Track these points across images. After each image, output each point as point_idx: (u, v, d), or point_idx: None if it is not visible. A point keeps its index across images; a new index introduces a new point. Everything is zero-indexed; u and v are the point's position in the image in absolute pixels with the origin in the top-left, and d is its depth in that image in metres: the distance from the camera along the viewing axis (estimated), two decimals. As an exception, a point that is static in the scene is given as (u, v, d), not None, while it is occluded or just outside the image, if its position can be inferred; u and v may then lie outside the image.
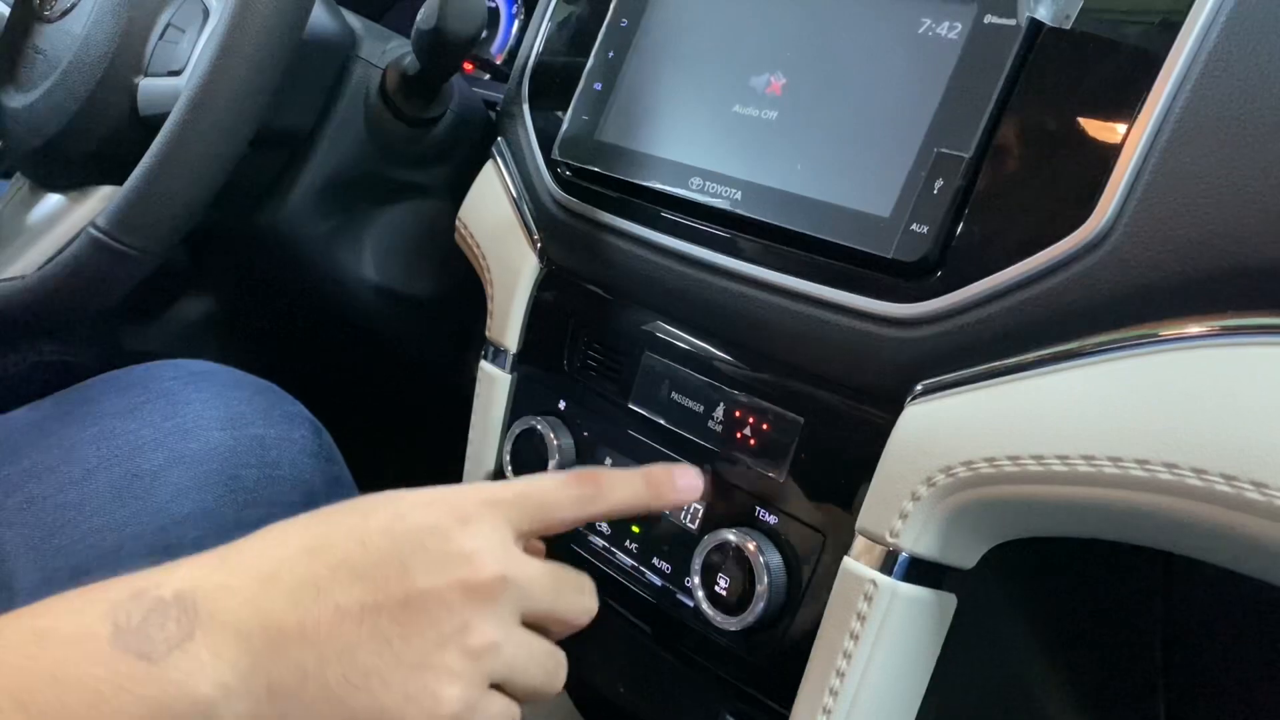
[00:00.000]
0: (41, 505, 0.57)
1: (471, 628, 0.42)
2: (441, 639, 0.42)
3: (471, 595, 0.42)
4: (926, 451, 0.49)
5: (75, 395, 0.66)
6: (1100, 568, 0.58)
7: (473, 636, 0.42)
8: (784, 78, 0.57)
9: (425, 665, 0.41)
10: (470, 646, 0.42)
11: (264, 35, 0.59)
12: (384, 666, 0.41)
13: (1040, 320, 0.46)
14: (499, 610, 0.43)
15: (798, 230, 0.54)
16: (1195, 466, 0.41)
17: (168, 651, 0.38)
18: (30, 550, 0.55)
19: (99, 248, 0.62)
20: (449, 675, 0.42)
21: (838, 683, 0.51)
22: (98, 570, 0.54)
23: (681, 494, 0.53)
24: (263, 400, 0.65)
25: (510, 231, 0.72)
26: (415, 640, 0.41)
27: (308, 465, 0.64)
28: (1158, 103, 0.44)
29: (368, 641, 0.41)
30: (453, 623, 0.42)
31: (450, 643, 0.42)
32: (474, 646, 0.42)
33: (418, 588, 0.42)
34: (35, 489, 0.58)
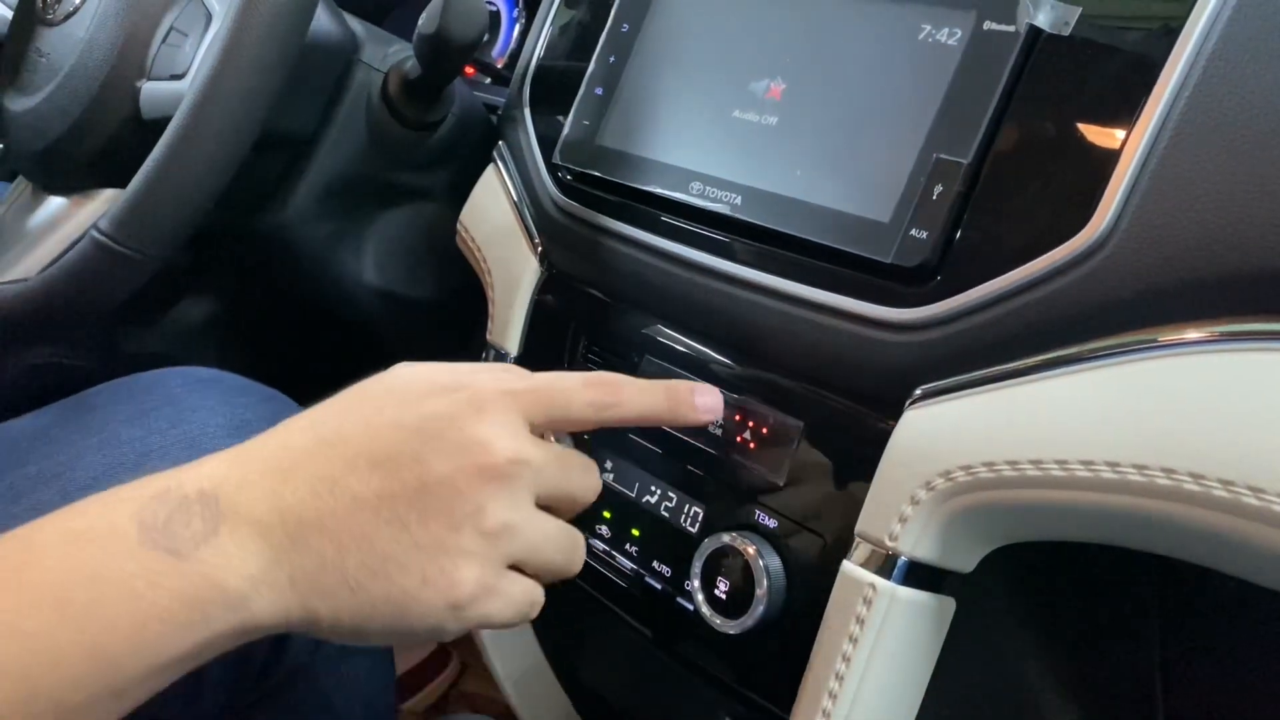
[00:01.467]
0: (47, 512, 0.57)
1: (486, 510, 0.43)
2: (456, 522, 0.42)
3: (485, 478, 0.43)
4: (926, 456, 0.49)
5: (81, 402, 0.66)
6: (1099, 571, 0.58)
7: (487, 518, 0.43)
8: (784, 83, 0.57)
9: (441, 548, 0.42)
10: (485, 528, 0.43)
11: (267, 39, 0.60)
12: (400, 551, 0.42)
13: (1039, 325, 0.47)
14: (513, 492, 0.44)
15: (797, 235, 0.54)
16: (1192, 471, 0.41)
17: (195, 547, 0.40)
18: None
19: (102, 251, 0.62)
20: (464, 556, 0.42)
21: (836, 686, 0.51)
22: None
23: (700, 413, 0.53)
24: (268, 408, 0.65)
25: (511, 235, 0.72)
26: (431, 524, 0.42)
27: None
28: (1156, 109, 0.44)
29: (384, 528, 0.42)
30: (467, 506, 0.43)
31: (465, 524, 0.43)
32: (489, 528, 0.43)
33: (433, 474, 0.42)
34: (41, 496, 0.58)
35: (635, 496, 0.64)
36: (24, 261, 0.73)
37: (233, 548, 0.40)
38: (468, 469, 0.43)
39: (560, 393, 0.48)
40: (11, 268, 0.73)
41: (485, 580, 0.43)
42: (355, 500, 0.42)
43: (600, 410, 0.49)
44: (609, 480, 0.65)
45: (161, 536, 0.39)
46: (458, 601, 0.43)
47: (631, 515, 0.64)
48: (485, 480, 0.43)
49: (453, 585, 0.42)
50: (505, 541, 0.44)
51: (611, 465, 0.65)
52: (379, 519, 0.42)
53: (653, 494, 0.63)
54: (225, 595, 0.40)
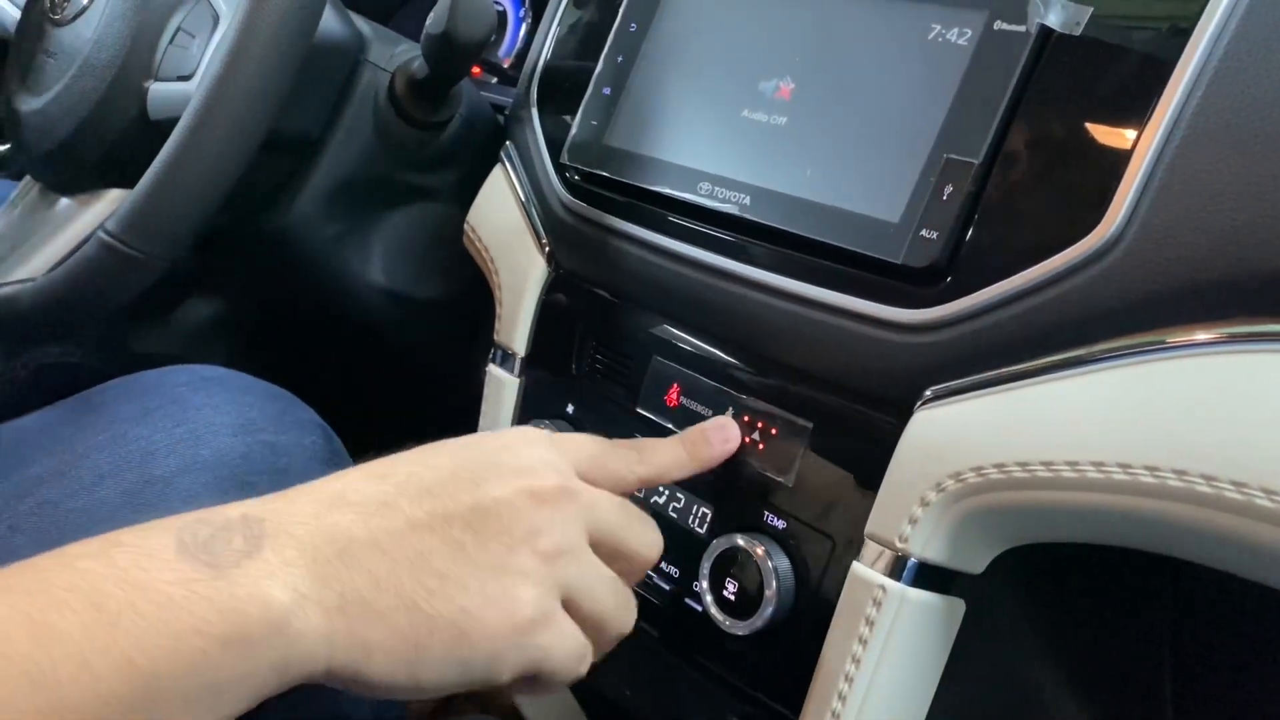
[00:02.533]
0: (53, 510, 0.57)
1: (541, 531, 0.43)
2: (513, 542, 0.42)
3: (539, 501, 0.43)
4: (936, 457, 0.49)
5: (87, 400, 0.66)
6: (1109, 573, 0.58)
7: (542, 540, 0.43)
8: (793, 83, 0.57)
9: (501, 567, 0.42)
10: (541, 548, 0.43)
11: (274, 40, 0.60)
12: (460, 571, 0.41)
13: (1049, 326, 0.47)
14: (566, 518, 0.44)
15: (806, 235, 0.54)
16: (1205, 473, 0.41)
17: (236, 562, 0.38)
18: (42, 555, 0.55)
19: (109, 251, 0.62)
20: (524, 577, 0.42)
21: (846, 687, 0.51)
22: None
23: (717, 449, 0.56)
24: (274, 406, 0.65)
25: (518, 236, 0.72)
26: (489, 544, 0.42)
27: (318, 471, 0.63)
28: (1168, 109, 0.44)
29: (441, 547, 0.41)
30: (523, 527, 0.43)
31: (522, 545, 0.42)
32: (544, 549, 0.43)
33: (488, 495, 0.43)
34: (47, 494, 0.58)
35: (643, 497, 0.64)
36: (31, 261, 0.73)
37: (277, 563, 0.38)
38: (523, 491, 0.43)
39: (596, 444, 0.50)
40: (19, 268, 0.73)
41: (544, 605, 0.43)
42: (409, 520, 0.41)
43: (632, 465, 0.51)
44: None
45: (200, 552, 0.38)
46: (519, 623, 0.42)
47: (639, 516, 0.64)
48: (539, 503, 0.44)
49: (515, 604, 0.41)
50: (560, 566, 0.43)
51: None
52: (435, 538, 0.41)
53: (660, 494, 0.63)
54: (266, 608, 0.37)
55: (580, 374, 0.68)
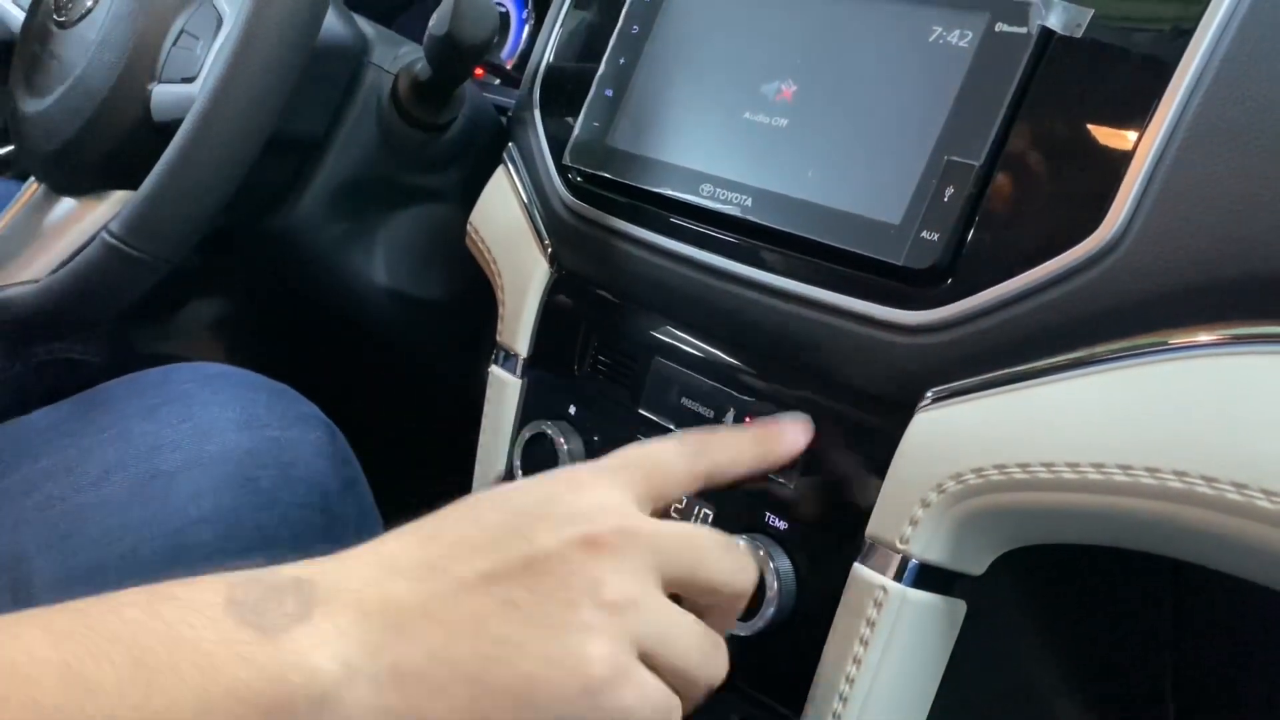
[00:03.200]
0: (60, 505, 0.57)
1: (603, 582, 0.39)
2: (572, 598, 0.39)
3: (596, 550, 0.40)
4: (937, 458, 0.49)
5: (93, 397, 0.66)
6: (1110, 574, 0.58)
7: (606, 590, 0.39)
8: (795, 85, 0.57)
9: (562, 625, 0.38)
10: (605, 599, 0.39)
11: (278, 42, 0.60)
12: (517, 633, 0.38)
13: (1050, 328, 0.47)
14: (630, 564, 0.40)
15: (808, 237, 0.54)
16: (1205, 475, 0.41)
17: (286, 626, 0.36)
18: (48, 550, 0.56)
19: (112, 253, 0.62)
20: (589, 632, 0.38)
21: (847, 688, 0.51)
22: (114, 570, 0.55)
23: (790, 447, 0.53)
24: (279, 403, 0.65)
25: (521, 236, 0.72)
26: (546, 602, 0.39)
27: (323, 467, 0.64)
28: (1169, 111, 0.44)
29: (497, 610, 0.38)
30: (582, 579, 0.39)
31: (583, 599, 0.39)
32: (609, 599, 0.39)
33: (540, 549, 0.39)
34: (53, 489, 0.58)
35: (645, 498, 0.64)
36: (35, 263, 0.73)
37: (328, 631, 0.36)
38: (575, 540, 0.40)
39: (656, 457, 0.46)
40: (22, 269, 0.73)
41: (618, 660, 0.39)
42: (461, 584, 0.39)
43: (693, 463, 0.47)
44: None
45: (249, 612, 0.36)
46: (590, 683, 0.38)
47: (641, 517, 0.64)
48: (597, 550, 0.40)
49: (584, 663, 0.38)
50: (630, 617, 0.39)
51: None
52: (488, 600, 0.38)
53: (662, 495, 0.63)
54: (311, 678, 0.35)
55: (582, 375, 0.68)
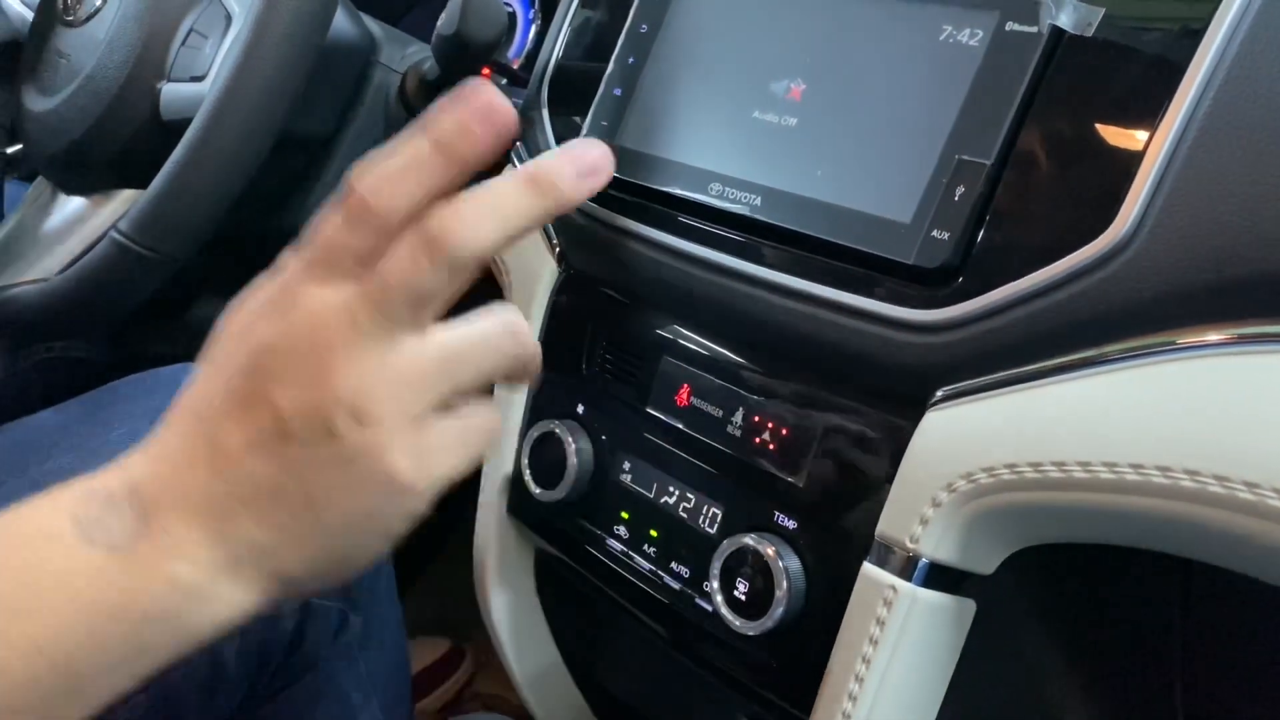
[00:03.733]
0: None
1: (348, 392, 0.39)
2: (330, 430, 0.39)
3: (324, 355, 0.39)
4: (947, 458, 0.49)
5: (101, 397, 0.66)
6: (1119, 572, 0.58)
7: (357, 397, 0.39)
8: (804, 84, 0.57)
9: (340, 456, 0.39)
10: (361, 409, 0.39)
11: (287, 42, 0.60)
12: (318, 483, 0.39)
13: (1061, 327, 0.47)
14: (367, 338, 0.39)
15: (817, 236, 0.54)
16: (1218, 473, 0.41)
17: (134, 542, 0.38)
18: None
19: (122, 251, 0.62)
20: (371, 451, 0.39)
21: (857, 687, 0.51)
22: None
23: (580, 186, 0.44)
24: None
25: (529, 236, 0.72)
26: (320, 448, 0.39)
27: None
28: (1180, 110, 0.44)
29: (285, 472, 0.39)
30: (330, 409, 0.39)
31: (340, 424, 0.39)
32: (369, 411, 0.39)
33: (278, 404, 0.39)
34: None
35: (653, 497, 0.64)
36: (44, 261, 0.73)
37: (171, 539, 0.39)
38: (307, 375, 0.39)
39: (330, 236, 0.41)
40: (31, 268, 0.73)
41: (412, 451, 0.40)
42: (239, 455, 0.39)
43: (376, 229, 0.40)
44: (627, 481, 0.65)
45: (98, 531, 0.38)
46: (403, 486, 0.40)
47: (649, 516, 0.64)
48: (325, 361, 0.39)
49: (386, 480, 0.39)
50: (397, 410, 0.39)
51: (629, 466, 0.65)
52: (274, 466, 0.39)
53: (671, 495, 0.63)
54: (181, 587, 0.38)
55: (590, 374, 0.68)
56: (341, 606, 0.65)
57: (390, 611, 0.72)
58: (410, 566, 0.75)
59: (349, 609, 0.65)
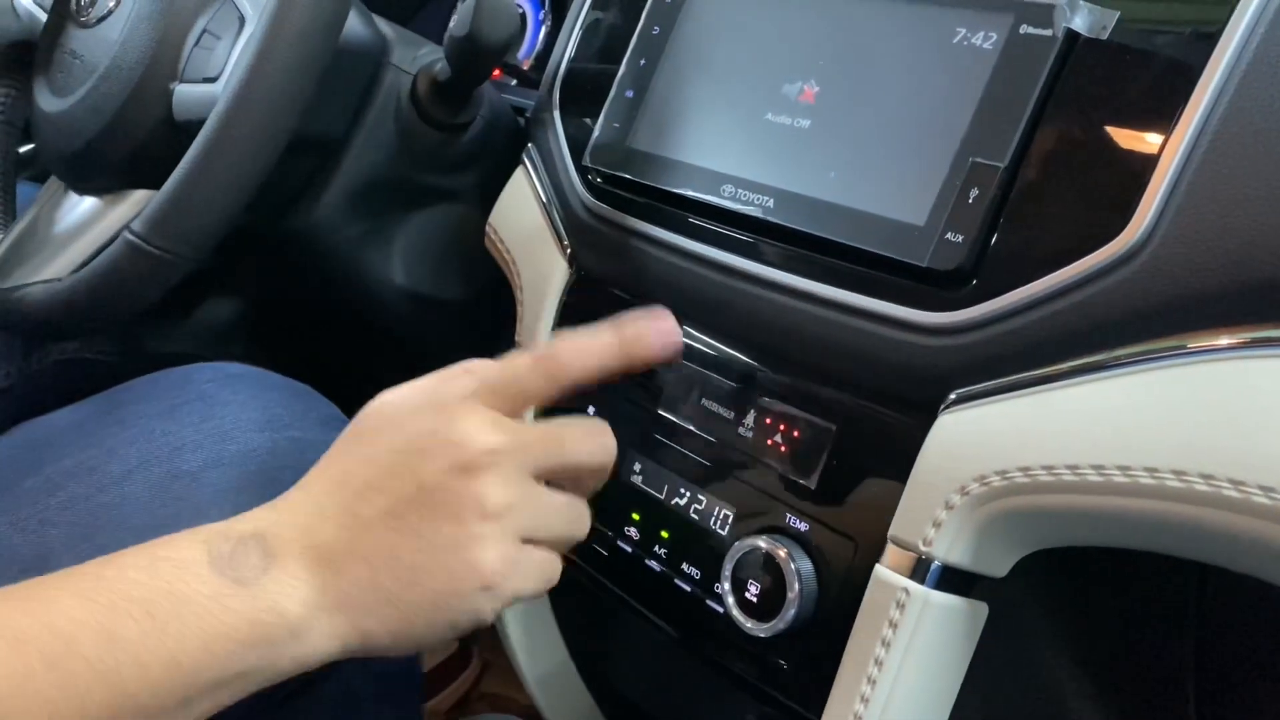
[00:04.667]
0: (82, 504, 0.58)
1: (483, 496, 0.47)
2: (458, 516, 0.47)
3: (469, 472, 0.47)
4: (961, 460, 0.49)
5: (115, 397, 0.66)
6: (1133, 576, 0.58)
7: (487, 503, 0.47)
8: (817, 86, 0.57)
9: (455, 543, 0.47)
10: (487, 512, 0.47)
11: (300, 43, 0.60)
12: (422, 558, 0.47)
13: (1075, 330, 0.47)
14: (502, 475, 0.48)
15: (831, 238, 0.54)
16: (1232, 478, 0.41)
17: (257, 577, 0.46)
18: (71, 549, 0.56)
19: (135, 251, 0.62)
20: (477, 541, 0.47)
21: (869, 690, 0.51)
22: None
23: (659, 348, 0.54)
24: (300, 403, 0.65)
25: (540, 237, 0.73)
26: (440, 525, 0.47)
27: None
28: (1195, 114, 0.44)
29: (403, 541, 0.47)
30: (463, 500, 0.47)
31: (468, 515, 0.47)
32: (490, 510, 0.47)
33: (425, 483, 0.47)
34: (76, 489, 0.59)
35: (664, 499, 0.64)
36: (56, 262, 0.74)
37: (288, 579, 0.46)
38: (451, 469, 0.47)
39: (513, 376, 0.51)
40: (44, 268, 0.74)
41: (505, 555, 0.48)
42: (371, 523, 0.47)
43: (553, 379, 0.52)
44: (637, 482, 0.65)
45: (228, 566, 0.45)
46: (487, 583, 0.48)
47: (660, 517, 0.64)
48: (474, 473, 0.48)
49: (476, 568, 0.47)
50: (509, 519, 0.48)
51: (640, 467, 0.65)
52: (396, 534, 0.47)
53: (682, 496, 0.63)
54: (283, 619, 0.45)
55: (601, 375, 0.68)
56: None
57: None
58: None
59: None
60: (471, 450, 0.48)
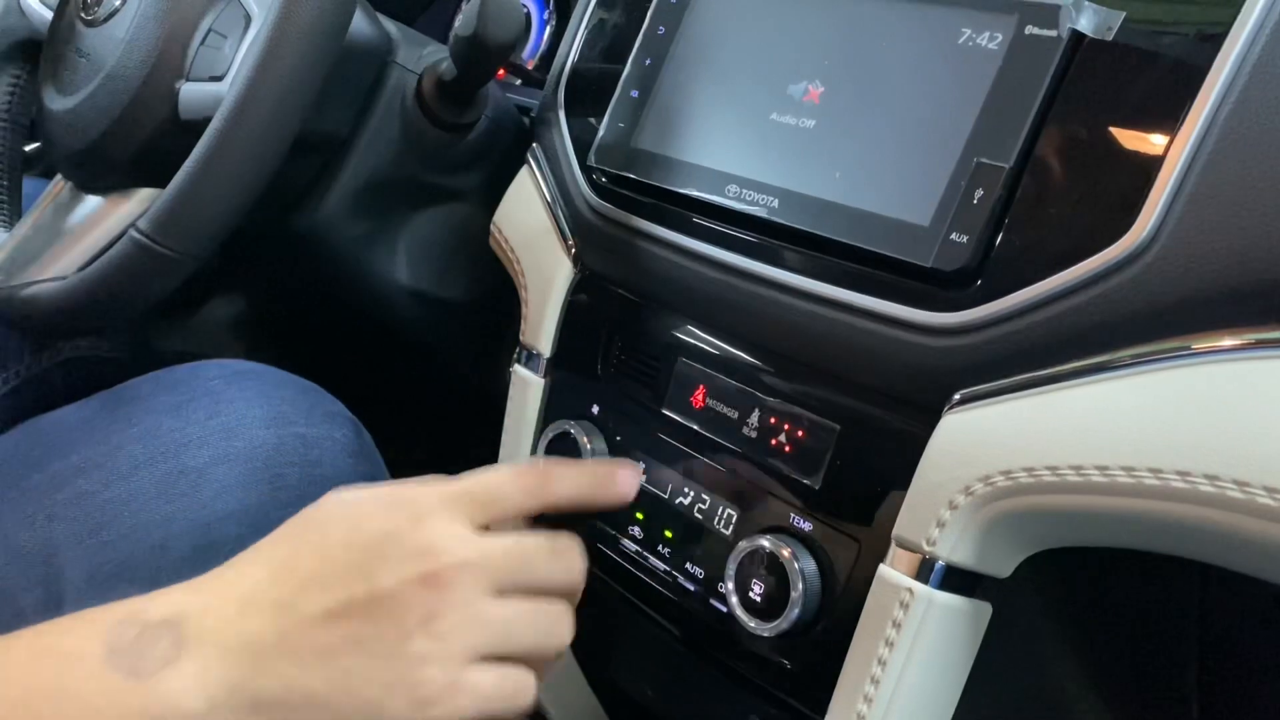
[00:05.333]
0: (90, 500, 0.58)
1: (437, 614, 0.44)
2: (406, 630, 0.44)
3: (431, 585, 0.45)
4: (965, 461, 0.49)
5: (121, 393, 0.67)
6: (1136, 576, 0.58)
7: (437, 622, 0.44)
8: (822, 86, 0.57)
9: (397, 655, 0.44)
10: (436, 630, 0.44)
11: (306, 42, 0.60)
12: (359, 664, 0.43)
13: (1080, 330, 0.47)
14: (463, 592, 0.45)
15: (835, 238, 0.54)
16: (1237, 479, 0.41)
17: (157, 670, 0.42)
18: (78, 544, 0.57)
19: (141, 250, 0.62)
20: (420, 660, 0.44)
21: (872, 689, 0.52)
22: (143, 563, 0.57)
23: (621, 493, 0.55)
24: (305, 400, 0.66)
25: (545, 237, 0.73)
26: (385, 635, 0.44)
27: (348, 465, 0.65)
28: (1200, 114, 0.44)
29: (341, 644, 0.43)
30: (417, 614, 0.44)
31: (416, 631, 0.44)
32: (440, 629, 0.44)
33: (381, 588, 0.44)
34: (84, 484, 0.59)
35: (668, 498, 0.64)
36: (62, 260, 0.74)
37: (193, 671, 0.42)
38: (413, 579, 0.45)
39: (493, 485, 0.49)
40: (49, 266, 0.74)
41: (448, 676, 0.45)
42: (312, 620, 0.44)
43: (531, 496, 0.50)
44: (641, 482, 0.65)
45: (126, 659, 0.41)
46: (425, 700, 0.44)
47: (664, 517, 0.64)
48: (431, 587, 0.45)
49: (415, 687, 0.44)
50: (459, 639, 0.45)
51: (644, 467, 0.65)
52: (336, 636, 0.44)
53: (685, 496, 0.63)
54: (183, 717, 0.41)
55: (605, 374, 0.69)
56: None
57: None
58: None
59: None
60: (436, 562, 0.45)
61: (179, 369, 0.68)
